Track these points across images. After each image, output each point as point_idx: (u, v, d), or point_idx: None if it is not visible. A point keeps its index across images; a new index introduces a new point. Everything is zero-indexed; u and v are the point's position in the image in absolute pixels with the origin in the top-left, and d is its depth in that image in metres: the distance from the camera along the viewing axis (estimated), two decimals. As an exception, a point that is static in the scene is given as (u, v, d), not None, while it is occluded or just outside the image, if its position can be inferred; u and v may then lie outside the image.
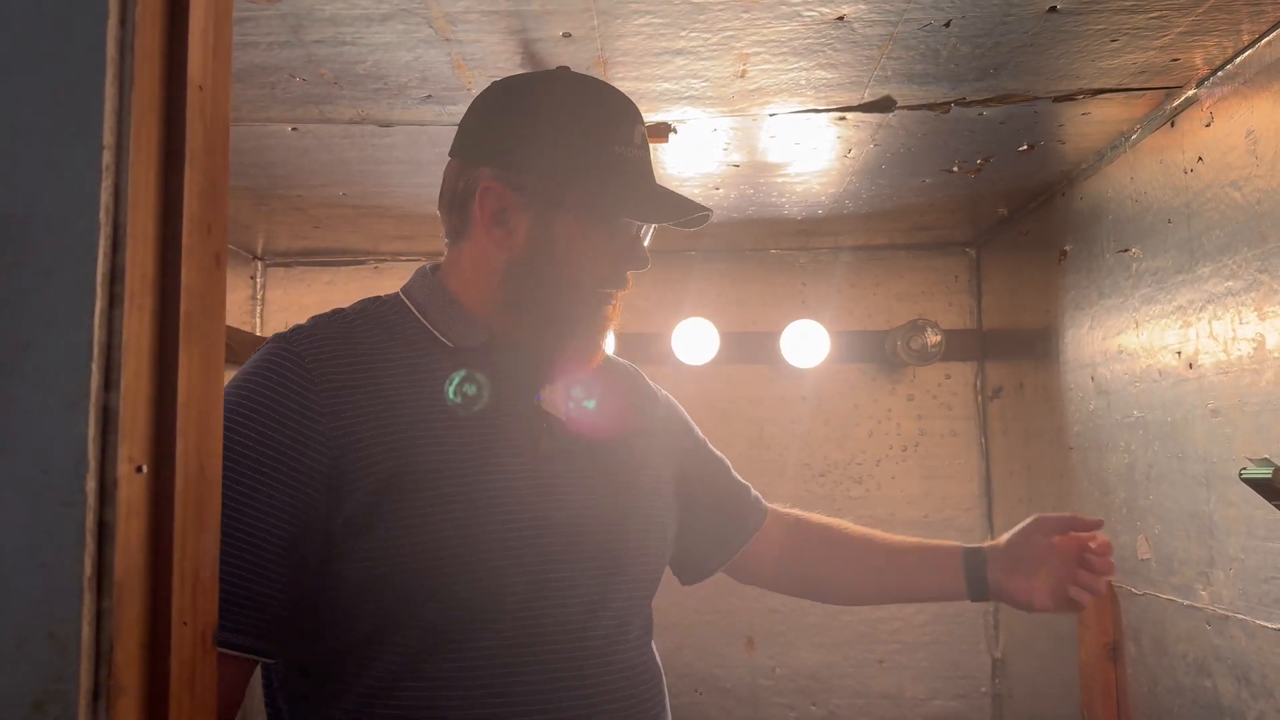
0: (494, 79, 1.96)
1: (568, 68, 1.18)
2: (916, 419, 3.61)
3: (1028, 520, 1.34)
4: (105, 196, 0.60)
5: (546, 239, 1.09)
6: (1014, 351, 3.29)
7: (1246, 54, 1.86)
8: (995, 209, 3.10)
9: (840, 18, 1.73)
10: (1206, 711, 2.08)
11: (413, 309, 1.13)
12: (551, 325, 1.11)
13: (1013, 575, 1.30)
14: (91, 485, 0.58)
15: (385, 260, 3.73)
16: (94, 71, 0.60)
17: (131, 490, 0.61)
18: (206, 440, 0.71)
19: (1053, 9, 1.69)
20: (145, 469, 0.63)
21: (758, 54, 1.88)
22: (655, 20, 1.72)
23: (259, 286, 3.75)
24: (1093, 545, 1.32)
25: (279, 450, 0.99)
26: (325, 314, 1.11)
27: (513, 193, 1.09)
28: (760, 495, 1.45)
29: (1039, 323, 3.01)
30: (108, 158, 0.60)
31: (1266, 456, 1.62)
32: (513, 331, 1.12)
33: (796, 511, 1.46)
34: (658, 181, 1.18)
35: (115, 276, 0.60)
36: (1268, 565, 1.83)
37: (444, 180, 1.16)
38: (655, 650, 1.21)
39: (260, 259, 3.74)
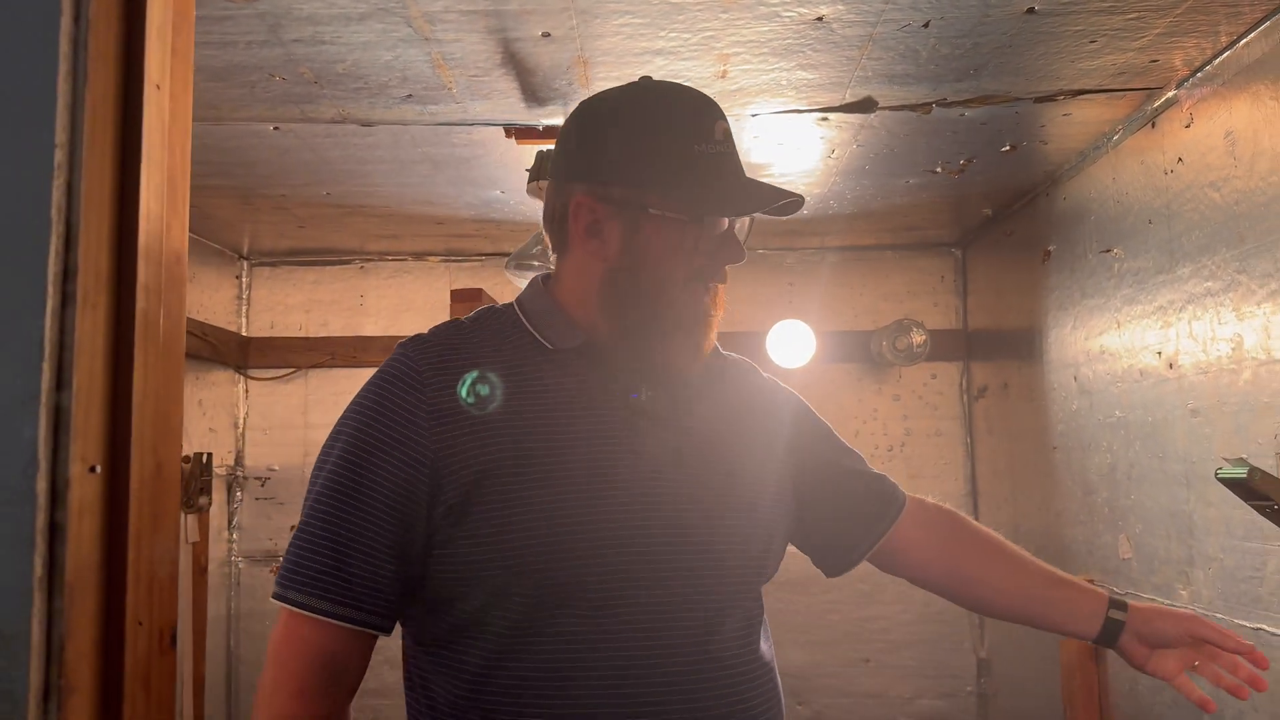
0: (475, 79, 1.98)
1: (649, 77, 1.23)
2: (902, 419, 3.62)
3: (1183, 612, 1.37)
4: (57, 194, 0.59)
5: (638, 244, 1.13)
6: (999, 351, 3.30)
7: (1225, 55, 1.86)
8: (980, 209, 3.11)
9: (819, 18, 1.73)
10: (1186, 711, 2.08)
11: (521, 315, 1.21)
12: (652, 325, 1.15)
13: (1143, 644, 1.34)
14: (42, 485, 0.58)
15: (371, 260, 3.72)
16: (46, 68, 0.60)
17: (84, 490, 0.61)
18: (165, 440, 0.71)
19: (1031, 10, 1.70)
20: (99, 469, 0.63)
21: (738, 54, 1.88)
22: (634, 20, 1.72)
23: (244, 286, 3.74)
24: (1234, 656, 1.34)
25: (390, 444, 1.09)
26: (446, 322, 1.23)
27: (602, 204, 1.14)
28: (897, 486, 1.44)
29: (1023, 323, 3.02)
30: (60, 155, 0.60)
31: (1242, 456, 1.63)
32: (613, 335, 1.18)
33: (949, 508, 1.46)
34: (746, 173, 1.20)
35: (68, 275, 0.60)
36: (1245, 565, 1.83)
37: (544, 201, 1.24)
38: (767, 652, 1.22)
39: (246, 259, 3.73)
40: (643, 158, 1.13)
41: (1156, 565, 2.18)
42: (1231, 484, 1.52)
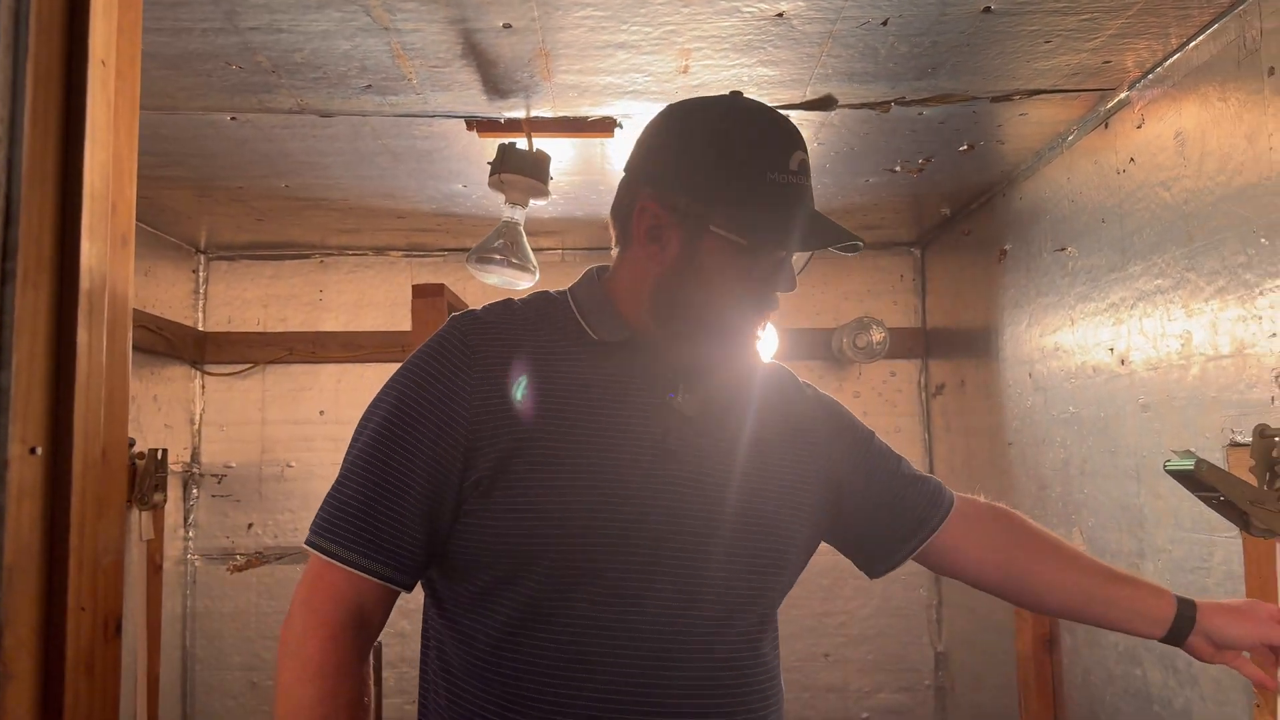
0: (435, 70, 1.96)
1: (740, 93, 1.22)
2: (862, 415, 3.59)
3: (1258, 614, 1.37)
4: (-3, 170, 0.58)
5: (695, 259, 1.15)
6: (956, 349, 3.34)
7: (1175, 57, 1.90)
8: (938, 209, 3.14)
9: (779, 15, 1.74)
10: (1137, 700, 2.12)
11: (572, 304, 1.24)
12: (695, 339, 1.18)
13: (1209, 644, 1.35)
14: (-20, 466, 0.57)
15: (331, 254, 3.69)
16: (-14, 42, 0.58)
17: (24, 472, 0.60)
18: (112, 423, 0.70)
19: (987, 9, 1.72)
20: (40, 451, 0.61)
21: (700, 49, 1.88)
22: (596, 13, 1.72)
23: (201, 280, 3.69)
24: None
25: (430, 411, 1.14)
26: (499, 301, 1.25)
27: (667, 212, 1.16)
28: (943, 486, 1.44)
29: (980, 321, 3.05)
30: None
31: (1189, 449, 1.65)
32: (658, 336, 1.20)
33: (1003, 507, 1.46)
34: (815, 207, 1.19)
35: (7, 253, 0.59)
36: (1193, 556, 1.87)
37: (616, 192, 1.27)
38: (773, 660, 1.24)
39: (203, 252, 3.68)
40: (714, 176, 1.14)
41: (1108, 557, 2.22)
42: (1179, 476, 1.55)
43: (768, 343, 3.45)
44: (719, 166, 1.14)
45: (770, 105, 1.20)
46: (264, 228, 3.31)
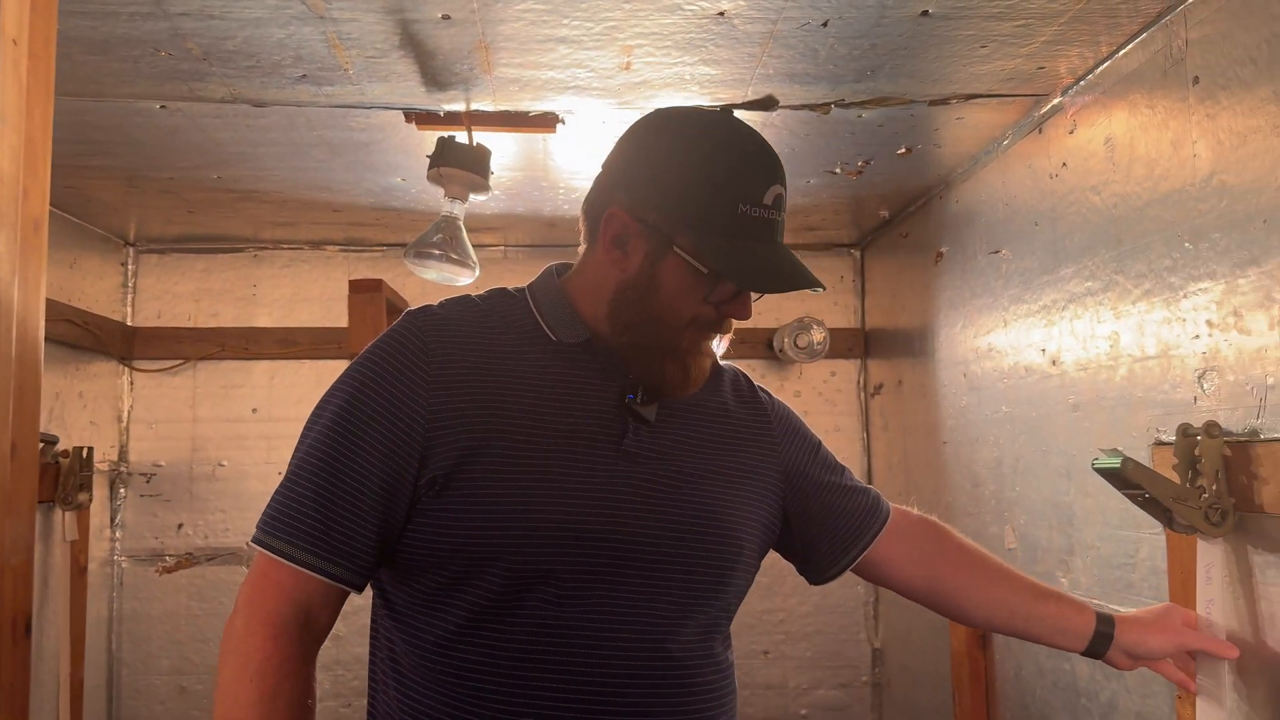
0: (372, 60, 1.93)
1: (731, 112, 1.20)
2: (803, 414, 3.59)
3: (1160, 607, 1.45)
4: (-106, 150, 0.55)
5: (656, 274, 1.15)
6: (894, 349, 3.38)
7: (1105, 65, 1.94)
8: (877, 211, 3.18)
9: (721, 13, 1.74)
10: (1065, 693, 2.17)
11: (531, 302, 1.24)
12: (647, 352, 1.18)
13: (1129, 657, 1.42)
14: (-127, 461, 0.54)
15: (265, 248, 3.61)
16: (-116, 15, 0.56)
17: (-77, 467, 0.57)
18: (21, 416, 0.67)
19: (925, 13, 1.74)
20: (-59, 445, 0.59)
21: (641, 46, 1.88)
22: (537, 6, 1.70)
23: (130, 274, 3.59)
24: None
25: (386, 408, 1.12)
26: (456, 297, 1.24)
27: (635, 223, 1.16)
28: (881, 496, 1.47)
29: (917, 322, 3.10)
30: (-102, 108, 0.56)
31: (1117, 448, 1.70)
32: (612, 342, 1.20)
33: (934, 520, 1.50)
34: (775, 241, 1.18)
35: (-94, 237, 0.56)
36: (1120, 552, 1.92)
37: (591, 187, 1.25)
38: (726, 661, 1.24)
39: (132, 245, 3.57)
40: (686, 198, 1.14)
41: (1039, 554, 2.27)
42: (1106, 474, 1.58)
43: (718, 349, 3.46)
44: (693, 189, 1.13)
45: (752, 129, 1.18)
46: (196, 220, 3.23)
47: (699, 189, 1.13)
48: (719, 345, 1.26)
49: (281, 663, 1.08)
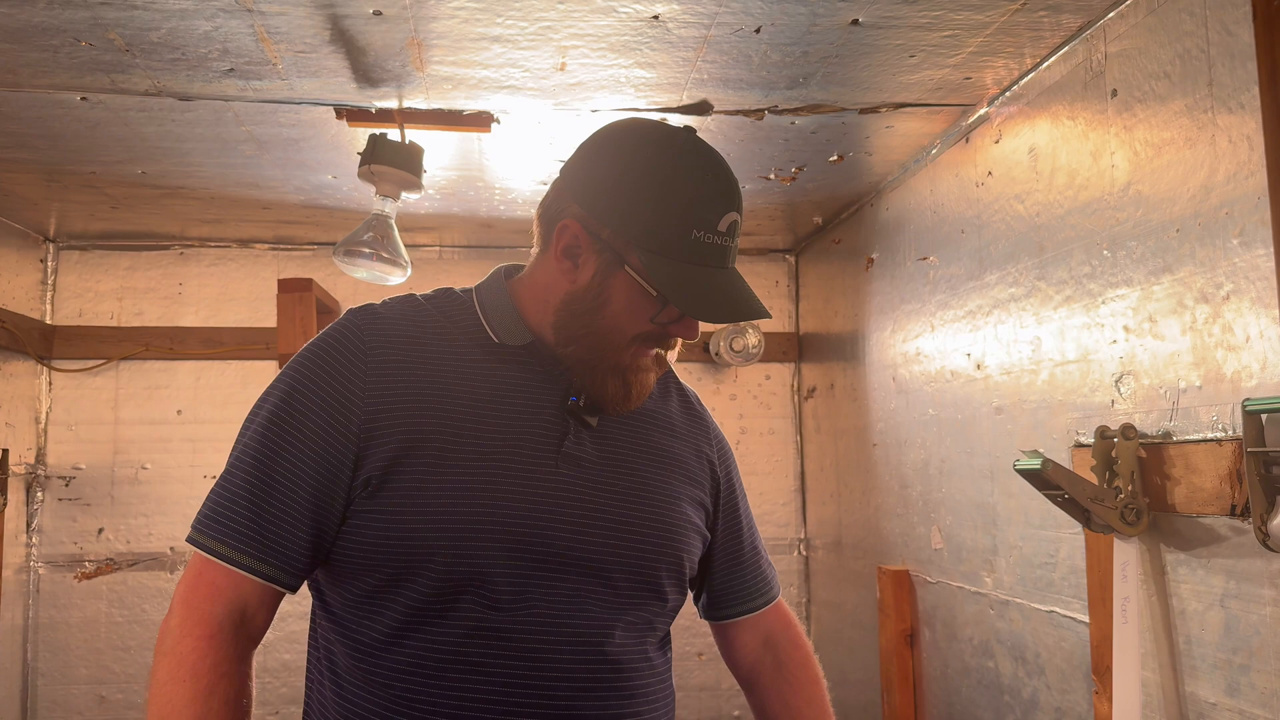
0: (302, 55, 1.90)
1: (693, 130, 1.18)
2: (738, 418, 3.71)
3: None
4: None
5: (604, 290, 1.15)
6: (826, 353, 3.43)
7: (1029, 76, 2.00)
8: (811, 218, 3.22)
9: (655, 16, 1.75)
10: (989, 691, 2.22)
11: (476, 304, 1.23)
12: (589, 366, 1.17)
13: None
14: None
15: (191, 245, 3.52)
16: None
17: None
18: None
19: (855, 21, 1.77)
20: None
21: (576, 47, 1.88)
22: (470, 3, 1.69)
23: (50, 271, 3.47)
24: None
25: (321, 407, 1.12)
26: (400, 296, 1.23)
27: (588, 236, 1.15)
28: (776, 586, 1.44)
29: (848, 326, 3.14)
30: None
31: (1038, 450, 1.74)
32: (555, 351, 1.19)
33: (808, 648, 1.45)
34: (724, 266, 1.16)
35: None
36: (1041, 552, 1.97)
37: (548, 190, 1.23)
38: (663, 665, 1.23)
39: (52, 241, 3.46)
40: (641, 218, 1.12)
41: (964, 555, 2.31)
42: (1027, 475, 1.63)
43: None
44: (649, 210, 1.12)
45: (713, 151, 1.18)
46: (119, 216, 3.14)
47: (654, 211, 1.12)
48: (671, 357, 1.25)
49: (216, 663, 1.07)
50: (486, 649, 1.10)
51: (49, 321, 3.44)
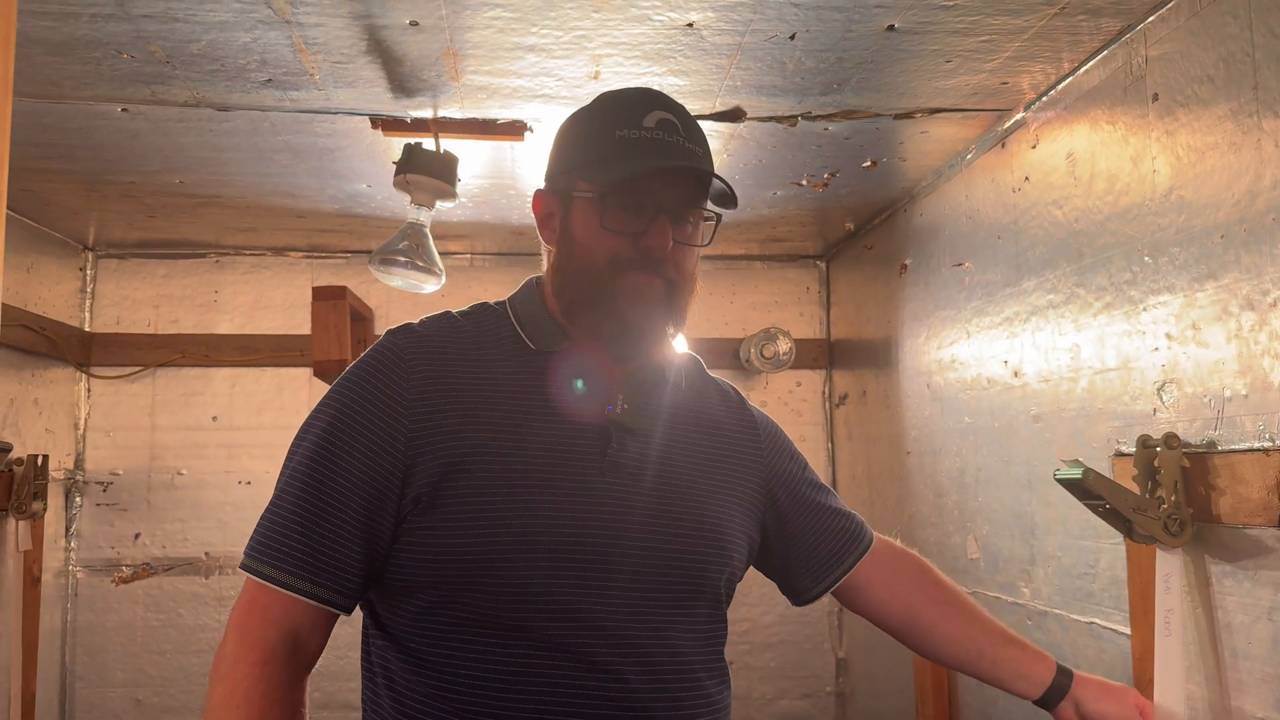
0: (339, 65, 1.92)
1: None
2: None
3: (1118, 685, 1.46)
4: None
5: (569, 226, 1.19)
6: (858, 360, 3.41)
7: (1067, 81, 1.97)
8: (842, 223, 3.21)
9: (690, 24, 1.75)
10: (1025, 704, 2.19)
11: (510, 314, 1.24)
12: (583, 314, 1.18)
13: (1078, 714, 1.42)
14: None
15: (227, 254, 3.56)
16: None
17: None
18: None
19: (891, 27, 1.76)
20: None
21: (610, 56, 1.88)
22: (505, 14, 1.70)
23: (89, 279, 3.53)
24: None
25: (367, 429, 1.12)
26: (437, 314, 1.25)
27: (549, 195, 1.22)
28: (865, 524, 1.47)
29: (881, 333, 3.12)
30: None
31: (1078, 459, 1.72)
32: (571, 327, 1.20)
33: (915, 555, 1.50)
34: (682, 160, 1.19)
35: None
36: (1081, 562, 1.94)
37: None
38: (718, 668, 1.24)
39: (91, 249, 3.51)
40: (575, 147, 1.20)
41: (1001, 564, 2.29)
42: (1068, 485, 1.60)
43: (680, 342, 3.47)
44: (579, 140, 1.20)
45: (641, 86, 1.26)
46: (157, 225, 3.18)
47: (583, 137, 1.20)
48: (678, 339, 1.26)
49: (269, 690, 1.07)
50: (551, 660, 1.10)
51: (88, 329, 3.49)
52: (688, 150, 1.18)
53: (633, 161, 1.15)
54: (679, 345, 1.36)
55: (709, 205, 1.22)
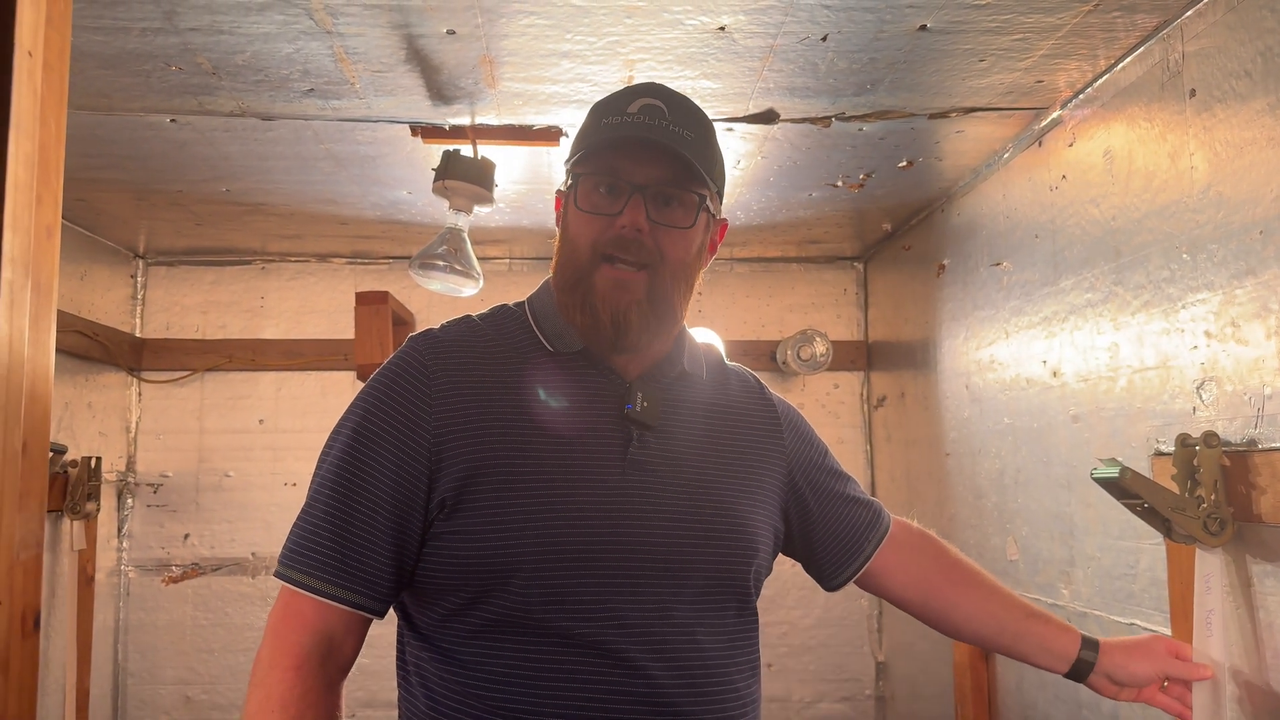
0: (379, 74, 1.96)
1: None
2: None
3: (1157, 648, 1.45)
4: (-86, 156, 0.58)
5: (566, 217, 1.21)
6: (897, 362, 3.39)
7: (1104, 78, 1.96)
8: (879, 224, 3.20)
9: (721, 28, 1.76)
10: (1067, 705, 2.17)
11: (529, 315, 1.26)
12: (565, 301, 1.19)
13: (1113, 683, 1.43)
14: (-109, 455, 0.56)
15: (272, 260, 3.64)
16: (-95, 27, 0.58)
17: (-62, 463, 0.59)
18: (33, 415, 0.69)
19: (923, 27, 1.76)
20: (-44, 442, 0.60)
21: (643, 60, 1.90)
22: (540, 21, 1.73)
23: (139, 286, 3.62)
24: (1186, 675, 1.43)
25: (392, 435, 1.14)
26: (457, 318, 1.26)
27: (559, 194, 1.25)
28: (883, 508, 1.49)
29: (919, 334, 3.11)
30: (-82, 116, 0.58)
31: (1116, 458, 1.70)
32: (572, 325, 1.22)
33: (931, 535, 1.51)
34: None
35: (-76, 240, 0.58)
36: (1121, 563, 1.92)
37: None
38: (746, 664, 1.24)
39: (141, 257, 3.61)
40: (573, 142, 1.23)
41: (1041, 565, 2.27)
42: (1105, 483, 1.59)
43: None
44: (577, 133, 1.23)
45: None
46: (204, 233, 3.26)
47: (579, 132, 1.23)
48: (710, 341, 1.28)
49: (304, 694, 1.09)
50: (580, 658, 1.11)
51: (139, 335, 3.59)
52: (672, 133, 1.16)
53: (610, 142, 1.18)
54: (699, 335, 1.37)
55: (698, 196, 1.20)
